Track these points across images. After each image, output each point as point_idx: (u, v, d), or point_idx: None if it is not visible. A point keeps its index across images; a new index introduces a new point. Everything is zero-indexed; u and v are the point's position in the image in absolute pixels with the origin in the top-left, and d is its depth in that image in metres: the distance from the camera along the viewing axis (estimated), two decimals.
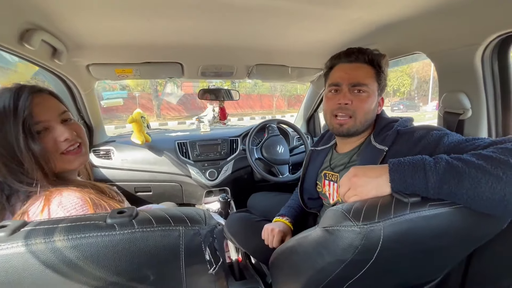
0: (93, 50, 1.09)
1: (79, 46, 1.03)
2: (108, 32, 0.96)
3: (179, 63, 1.31)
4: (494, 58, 0.78)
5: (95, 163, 1.60)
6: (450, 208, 0.49)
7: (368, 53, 0.82)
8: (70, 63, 1.09)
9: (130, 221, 0.40)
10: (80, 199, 0.58)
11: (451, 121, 0.88)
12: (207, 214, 0.48)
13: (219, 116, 1.77)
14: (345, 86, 0.81)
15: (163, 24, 0.92)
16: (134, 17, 0.84)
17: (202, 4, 0.77)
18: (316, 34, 1.08)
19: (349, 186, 0.59)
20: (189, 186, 1.78)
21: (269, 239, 0.96)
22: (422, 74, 18.57)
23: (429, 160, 0.53)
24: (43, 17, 0.78)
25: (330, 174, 0.92)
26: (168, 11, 0.81)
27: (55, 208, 0.55)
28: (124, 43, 1.07)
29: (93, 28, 0.91)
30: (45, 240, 0.36)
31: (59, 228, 0.38)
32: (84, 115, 1.50)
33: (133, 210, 0.43)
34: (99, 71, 1.24)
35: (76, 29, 0.90)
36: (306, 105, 2.04)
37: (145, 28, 0.94)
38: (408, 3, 0.77)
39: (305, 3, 0.78)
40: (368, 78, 0.81)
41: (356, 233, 0.45)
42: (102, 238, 0.37)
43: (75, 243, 0.37)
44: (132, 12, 0.80)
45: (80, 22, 0.85)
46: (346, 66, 0.84)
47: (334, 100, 0.83)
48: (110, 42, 1.05)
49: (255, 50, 1.27)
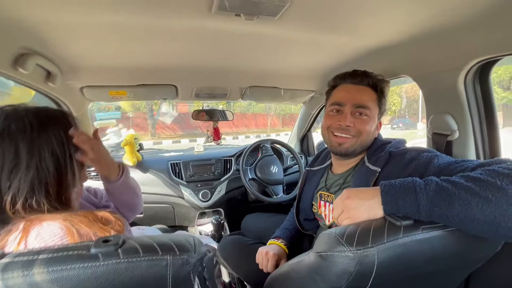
0: (87, 73, 1.11)
1: (73, 69, 1.04)
2: (102, 55, 0.97)
3: (173, 85, 1.32)
4: (476, 82, 0.82)
5: (86, 184, 1.56)
6: (443, 231, 0.49)
7: (372, 77, 0.84)
8: (64, 85, 1.10)
9: (115, 251, 0.38)
10: (61, 229, 0.54)
11: (439, 142, 0.89)
12: (196, 241, 0.46)
13: (213, 136, 1.77)
14: (349, 107, 0.82)
15: (157, 47, 0.93)
16: (128, 40, 0.86)
17: (195, 30, 0.79)
18: (306, 58, 1.12)
19: (342, 209, 0.58)
20: (182, 208, 1.73)
21: (264, 263, 0.93)
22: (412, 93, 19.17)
23: (419, 182, 0.53)
24: (38, 42, 0.79)
25: (326, 194, 0.91)
26: (161, 35, 0.83)
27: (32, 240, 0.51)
28: (118, 65, 1.08)
29: (87, 52, 0.93)
30: (23, 273, 0.34)
31: (39, 260, 0.36)
32: None
33: (119, 238, 0.41)
34: (93, 93, 1.25)
35: (70, 52, 0.91)
36: (299, 125, 2.06)
37: (139, 51, 0.96)
38: (394, 30, 0.82)
39: (297, 30, 0.82)
40: (371, 101, 0.82)
41: (350, 258, 0.44)
42: (85, 270, 0.36)
43: (56, 276, 0.35)
44: (125, 36, 0.82)
45: (74, 46, 0.87)
46: (350, 87, 0.85)
47: (335, 120, 0.84)
48: (104, 65, 1.06)
49: (248, 73, 1.30)
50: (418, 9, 0.68)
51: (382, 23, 0.77)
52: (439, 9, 0.67)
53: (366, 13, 0.71)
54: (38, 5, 0.62)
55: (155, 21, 0.72)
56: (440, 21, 0.73)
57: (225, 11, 0.65)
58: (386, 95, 0.86)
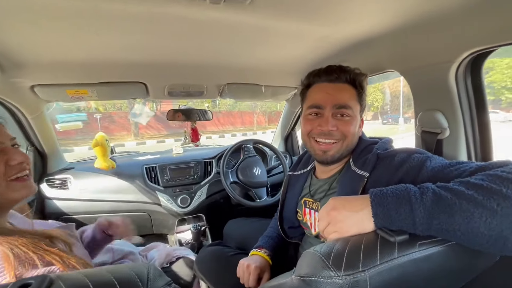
0: (37, 69, 0.96)
1: (18, 65, 0.90)
2: (54, 48, 0.84)
3: (143, 82, 1.20)
4: (467, 76, 0.77)
5: (48, 194, 1.41)
6: (442, 246, 0.43)
7: (349, 71, 0.75)
8: (8, 84, 0.95)
9: None
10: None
11: (429, 141, 0.84)
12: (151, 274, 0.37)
13: (191, 137, 1.66)
14: (329, 109, 0.73)
15: (118, 40, 0.82)
16: (82, 32, 0.75)
17: (160, 18, 0.69)
18: (287, 52, 1.04)
19: (329, 221, 0.52)
20: (159, 215, 1.62)
21: (245, 277, 0.85)
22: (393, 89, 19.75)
23: (414, 190, 0.47)
24: None
25: (311, 201, 0.84)
26: (122, 25, 0.72)
27: None
28: (74, 60, 0.95)
29: (33, 45, 0.79)
30: None
31: None
32: (34, 141, 1.33)
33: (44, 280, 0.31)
34: (47, 93, 1.10)
35: (9, 45, 0.78)
36: (283, 123, 2.00)
37: (97, 44, 0.84)
38: (379, 20, 0.75)
39: (273, 19, 0.73)
40: (351, 99, 0.74)
41: (338, 285, 0.38)
42: None
43: None
44: (78, 26, 0.70)
45: (13, 37, 0.74)
46: (327, 86, 0.76)
47: (315, 124, 0.75)
48: (56, 60, 0.93)
49: (225, 68, 1.21)
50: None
51: (366, 11, 0.70)
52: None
53: (347, 2, 0.63)
54: None
55: (108, 5, 0.61)
56: (429, 9, 0.67)
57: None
58: (365, 89, 0.78)
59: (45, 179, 1.43)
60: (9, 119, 1.14)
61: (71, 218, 1.44)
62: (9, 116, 1.13)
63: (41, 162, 1.44)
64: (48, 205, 1.41)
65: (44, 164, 1.46)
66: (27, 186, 0.61)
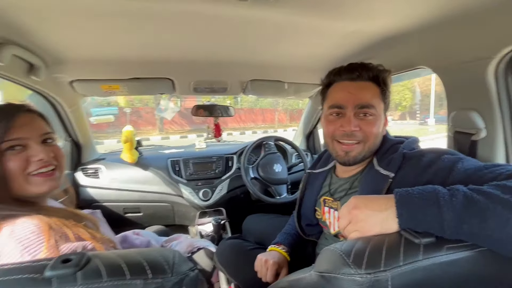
0: (76, 66, 1.04)
1: (60, 62, 0.98)
2: (92, 46, 0.91)
3: (170, 78, 1.25)
4: (509, 73, 0.71)
5: (82, 182, 1.52)
6: (472, 251, 0.41)
7: (372, 69, 0.72)
8: (51, 79, 1.04)
9: (73, 274, 0.32)
10: (37, 226, 0.52)
11: (462, 142, 0.79)
12: (177, 258, 0.39)
13: (214, 133, 1.70)
14: (351, 109, 0.71)
15: (149, 38, 0.86)
16: (118, 31, 0.79)
17: (188, 16, 0.71)
18: (311, 48, 1.03)
19: (349, 220, 0.51)
20: (181, 207, 1.69)
21: (263, 272, 0.86)
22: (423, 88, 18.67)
23: (443, 192, 0.45)
24: (11, 30, 0.72)
25: (330, 200, 0.83)
26: (153, 24, 0.75)
27: (5, 239, 0.50)
28: (110, 58, 1.02)
29: (74, 42, 0.86)
30: None
31: None
32: (71, 133, 1.44)
33: (83, 257, 0.35)
34: (84, 88, 1.19)
35: (54, 43, 0.85)
36: (305, 121, 1.97)
37: (131, 42, 0.89)
38: (410, 14, 0.71)
39: (298, 15, 0.73)
40: (374, 98, 0.71)
41: (358, 283, 0.37)
42: None
43: None
44: (115, 26, 0.75)
45: (58, 36, 0.80)
46: (348, 84, 0.74)
47: (337, 125, 0.73)
48: (93, 57, 0.99)
49: (249, 65, 1.22)
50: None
51: (397, 6, 0.67)
52: None
53: None
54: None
55: (142, 5, 0.65)
56: (467, 2, 0.62)
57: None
58: (389, 87, 0.74)
59: (80, 168, 1.54)
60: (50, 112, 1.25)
61: (101, 205, 1.54)
62: (51, 109, 1.23)
63: (77, 152, 1.56)
64: (81, 192, 1.52)
65: (79, 154, 1.57)
66: (50, 181, 0.62)
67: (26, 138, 0.60)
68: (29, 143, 0.60)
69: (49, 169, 0.62)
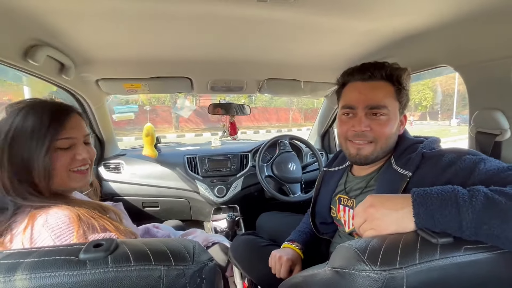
0: (101, 65, 1.10)
1: (88, 62, 1.03)
2: (116, 47, 0.96)
3: (188, 77, 1.29)
4: None
5: (104, 176, 1.60)
6: (491, 253, 0.40)
7: (385, 68, 0.72)
8: (79, 78, 1.10)
9: (105, 258, 0.35)
10: (68, 217, 0.56)
11: (485, 143, 0.77)
12: (197, 248, 0.41)
13: (230, 131, 1.73)
14: (361, 109, 0.71)
15: (170, 38, 0.90)
16: (141, 32, 0.83)
17: (209, 17, 0.74)
18: (328, 47, 1.02)
19: (365, 218, 0.51)
20: (197, 203, 1.73)
21: (277, 268, 0.87)
22: (446, 87, 17.87)
23: (463, 192, 0.45)
24: (47, 33, 0.78)
25: (345, 198, 0.83)
26: (172, 23, 0.78)
27: (39, 228, 0.53)
28: (132, 58, 1.06)
29: (99, 43, 0.91)
30: (4, 278, 0.32)
31: (24, 264, 0.33)
32: (95, 129, 1.52)
33: (112, 243, 0.38)
34: (109, 86, 1.25)
35: (83, 44, 0.90)
36: (321, 120, 1.96)
37: (153, 42, 0.93)
38: (430, 11, 0.70)
39: (316, 14, 0.73)
40: (387, 98, 0.71)
41: (373, 280, 0.37)
42: (69, 278, 0.33)
43: (38, 284, 0.32)
44: (136, 25, 0.79)
45: (86, 37, 0.85)
46: (360, 85, 0.74)
47: (349, 125, 0.74)
48: (118, 57, 1.05)
49: (265, 64, 1.24)
50: None
51: (417, 4, 0.66)
52: None
53: None
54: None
55: (165, 7, 0.68)
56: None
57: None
58: (406, 85, 0.73)
59: (103, 163, 1.62)
60: None
61: (122, 199, 1.61)
62: (78, 106, 1.31)
63: (100, 147, 1.64)
64: (104, 186, 1.60)
65: (102, 149, 1.65)
66: (85, 178, 0.69)
67: (75, 138, 0.65)
68: (76, 143, 0.66)
69: (86, 167, 0.69)
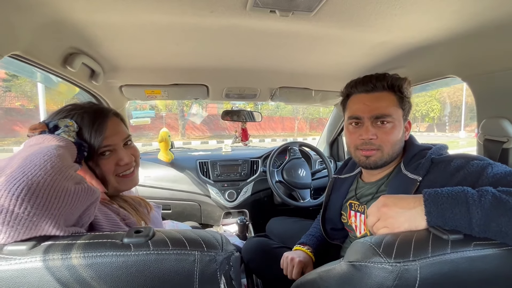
0: (126, 72, 1.17)
1: (114, 68, 1.11)
2: (141, 55, 1.02)
3: (205, 85, 1.35)
4: None
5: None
6: (500, 249, 0.42)
7: (386, 79, 0.76)
8: (105, 84, 1.18)
9: (146, 242, 0.39)
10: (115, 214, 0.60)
11: (493, 150, 0.80)
12: (224, 239, 0.45)
13: (241, 137, 1.78)
14: (367, 119, 0.76)
15: (190, 47, 0.96)
16: (163, 40, 0.89)
17: (230, 28, 0.79)
18: (340, 58, 1.07)
19: (378, 217, 0.54)
20: (208, 206, 1.76)
21: (288, 269, 0.89)
22: (454, 99, 17.72)
23: (472, 192, 0.47)
24: (85, 42, 0.85)
25: (356, 204, 0.85)
26: (196, 34, 0.84)
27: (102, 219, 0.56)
28: (154, 65, 1.13)
29: (126, 51, 0.98)
30: (62, 256, 0.36)
31: (77, 244, 0.38)
32: None
33: (150, 230, 0.42)
34: (131, 92, 1.32)
35: (113, 52, 0.97)
36: (330, 128, 2.00)
37: (174, 51, 0.99)
38: (441, 26, 0.74)
39: (333, 28, 0.78)
40: (390, 107, 0.75)
41: (388, 271, 0.39)
42: (117, 258, 0.37)
43: (91, 262, 0.36)
44: (162, 35, 0.85)
45: (116, 46, 0.92)
46: (364, 96, 0.78)
47: (356, 135, 0.78)
48: (141, 65, 1.12)
49: (278, 73, 1.29)
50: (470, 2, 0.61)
51: (427, 18, 0.70)
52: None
53: (410, 8, 0.65)
54: (88, 8, 0.66)
55: (190, 20, 0.73)
56: (496, 14, 0.65)
57: (260, 7, 0.64)
58: (407, 93, 0.77)
59: None
60: None
61: None
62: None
63: None
64: None
65: None
66: (133, 180, 0.69)
67: (115, 144, 0.64)
68: (117, 148, 0.65)
69: (131, 170, 0.68)
